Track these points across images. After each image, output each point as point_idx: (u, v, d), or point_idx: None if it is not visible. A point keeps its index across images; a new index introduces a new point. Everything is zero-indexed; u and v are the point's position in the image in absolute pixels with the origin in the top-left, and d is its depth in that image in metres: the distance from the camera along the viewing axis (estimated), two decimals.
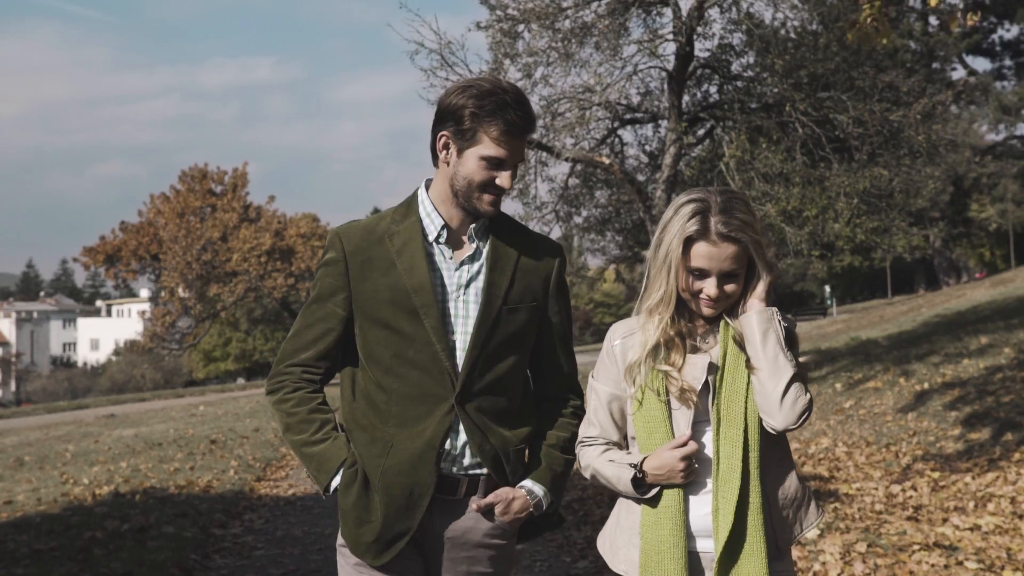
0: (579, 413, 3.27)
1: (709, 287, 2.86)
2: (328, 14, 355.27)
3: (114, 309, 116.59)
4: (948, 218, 44.31)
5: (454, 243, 3.11)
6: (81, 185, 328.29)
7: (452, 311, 3.06)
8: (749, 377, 2.86)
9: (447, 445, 3.03)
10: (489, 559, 3.15)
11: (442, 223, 3.08)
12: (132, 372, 72.82)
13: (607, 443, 3.03)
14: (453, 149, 3.00)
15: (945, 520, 8.06)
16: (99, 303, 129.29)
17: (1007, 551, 6.98)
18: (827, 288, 63.56)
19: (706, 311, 2.91)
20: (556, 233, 17.61)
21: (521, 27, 15.21)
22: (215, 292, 41.83)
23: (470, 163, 2.98)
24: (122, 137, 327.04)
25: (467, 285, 3.08)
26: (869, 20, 7.70)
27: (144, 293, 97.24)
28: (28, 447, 18.93)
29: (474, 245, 3.11)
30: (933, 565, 6.79)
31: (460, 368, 3.04)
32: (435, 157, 3.09)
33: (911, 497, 9.08)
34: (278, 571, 7.75)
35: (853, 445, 12.09)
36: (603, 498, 9.99)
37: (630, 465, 2.88)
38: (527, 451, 3.21)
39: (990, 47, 47.98)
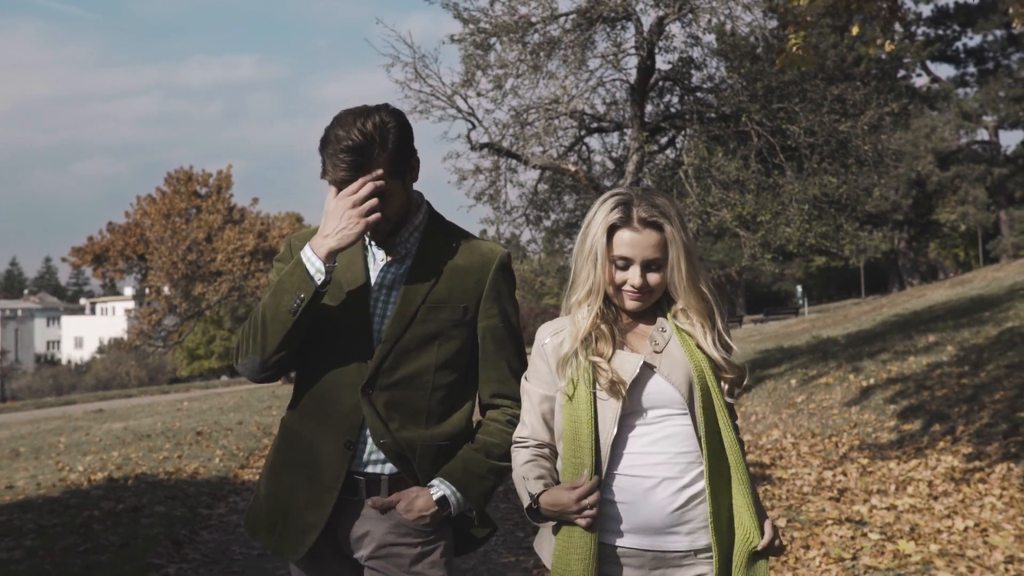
0: (515, 421, 3.18)
1: (633, 276, 2.87)
2: (311, 13, 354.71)
3: (98, 307, 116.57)
4: (911, 221, 45.40)
5: (388, 246, 3.16)
6: (64, 183, 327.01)
7: (372, 309, 3.11)
8: (719, 385, 2.90)
9: (358, 439, 3.07)
10: (411, 560, 3.08)
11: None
12: (117, 370, 73.15)
13: (538, 444, 3.01)
14: None
15: (866, 501, 8.91)
16: (83, 301, 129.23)
17: (913, 526, 7.83)
18: (799, 288, 64.59)
19: (631, 304, 2.92)
20: (527, 236, 18.44)
21: (493, 40, 15.96)
22: (200, 291, 42.57)
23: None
24: (105, 135, 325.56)
25: (391, 286, 3.13)
26: (795, 49, 8.54)
27: (128, 291, 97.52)
28: (21, 439, 19.33)
29: (404, 249, 3.16)
30: (841, 536, 7.66)
31: (371, 360, 3.07)
32: None
33: (839, 481, 9.92)
34: (260, 544, 8.54)
35: (800, 436, 12.89)
36: None
37: (528, 493, 2.88)
38: (443, 449, 3.15)
39: (954, 54, 49.14)
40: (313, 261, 3.01)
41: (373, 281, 3.14)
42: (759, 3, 14.89)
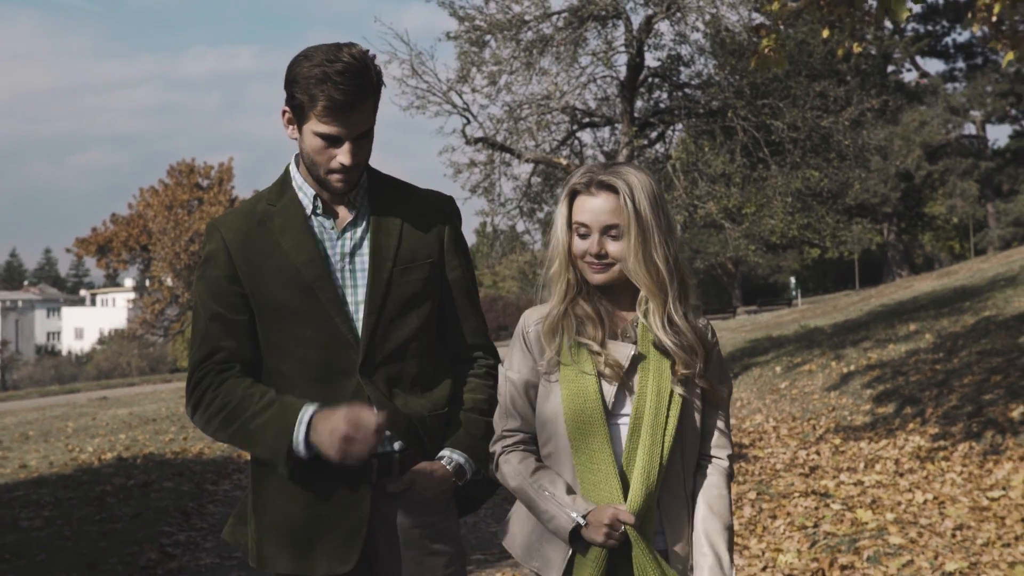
0: (493, 373, 3.10)
1: (591, 243, 2.77)
2: (309, 4, 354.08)
3: (98, 298, 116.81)
4: (900, 214, 46.04)
5: (333, 212, 2.93)
6: (62, 174, 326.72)
7: (341, 281, 2.89)
8: (673, 389, 2.77)
9: None
10: (430, 539, 2.95)
11: (314, 194, 2.90)
12: (118, 360, 73.55)
13: (531, 438, 2.90)
14: (294, 126, 2.83)
15: (834, 477, 9.44)
16: (83, 292, 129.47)
17: (875, 499, 8.37)
18: (792, 279, 65.14)
19: (594, 276, 2.81)
20: (520, 227, 18.98)
21: (488, 37, 16.46)
22: None
23: (307, 140, 2.79)
24: (103, 126, 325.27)
25: (352, 253, 2.91)
26: (767, 51, 9.05)
27: (128, 282, 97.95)
28: (29, 424, 19.64)
29: (354, 211, 2.93)
30: (806, 507, 8.20)
31: (360, 338, 2.85)
32: None
33: (812, 459, 10.45)
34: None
35: (781, 420, 13.40)
36: None
37: (573, 516, 2.70)
38: (445, 418, 3.00)
39: (943, 49, 49.77)
40: (300, 450, 2.77)
41: (331, 252, 2.91)
42: (745, 2, 15.39)
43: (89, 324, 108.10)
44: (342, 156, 2.77)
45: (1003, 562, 6.42)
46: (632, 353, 2.77)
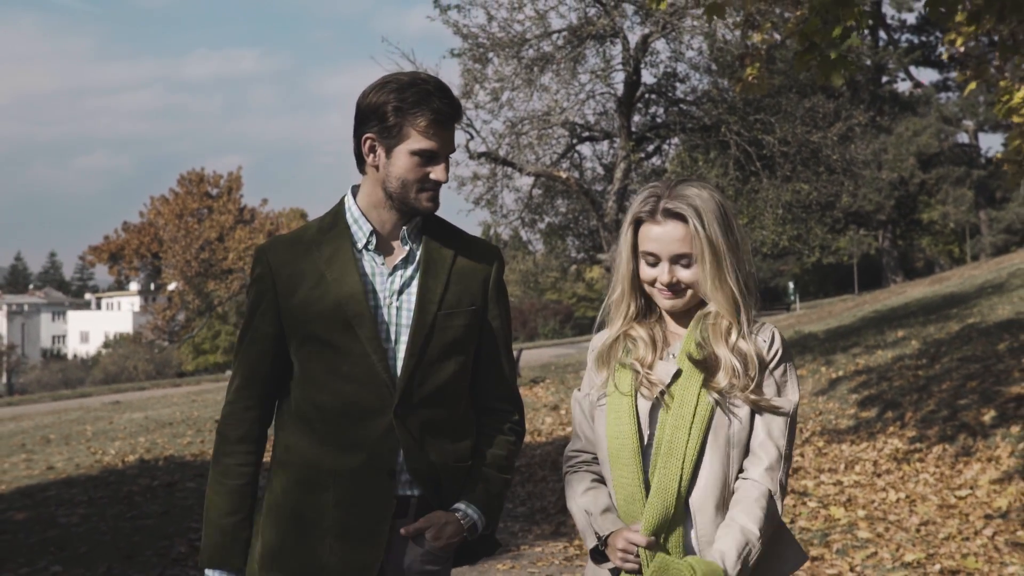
0: (517, 429, 3.08)
1: (661, 273, 2.72)
2: (312, 5, 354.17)
3: (103, 302, 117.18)
4: (894, 221, 46.69)
5: (385, 249, 2.93)
6: (65, 177, 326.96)
7: (386, 318, 2.87)
8: (698, 404, 2.68)
9: (397, 466, 2.86)
10: None
11: (371, 229, 2.90)
12: (125, 364, 74.03)
13: (592, 459, 2.88)
14: (380, 150, 2.83)
15: (815, 477, 10.05)
16: (88, 296, 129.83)
17: (851, 497, 8.99)
18: (790, 285, 65.70)
19: (664, 302, 2.77)
20: (523, 237, 19.63)
21: (490, 55, 17.08)
22: (212, 288, 44.09)
23: (401, 161, 2.81)
24: (106, 129, 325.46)
25: (400, 291, 2.90)
26: (751, 78, 9.69)
27: (134, 286, 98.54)
28: (47, 428, 20.17)
29: (407, 248, 2.93)
30: (784, 505, 8.81)
31: (398, 378, 2.83)
32: (360, 162, 2.91)
33: (795, 461, 11.02)
34: None
35: None
36: (547, 461, 12.04)
37: (596, 535, 2.72)
38: (466, 470, 2.98)
39: (937, 59, 50.37)
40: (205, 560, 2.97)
41: (380, 288, 2.91)
42: (738, 24, 16.01)
43: (95, 327, 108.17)
44: (438, 172, 2.83)
45: (958, 553, 7.05)
46: (673, 370, 2.72)
